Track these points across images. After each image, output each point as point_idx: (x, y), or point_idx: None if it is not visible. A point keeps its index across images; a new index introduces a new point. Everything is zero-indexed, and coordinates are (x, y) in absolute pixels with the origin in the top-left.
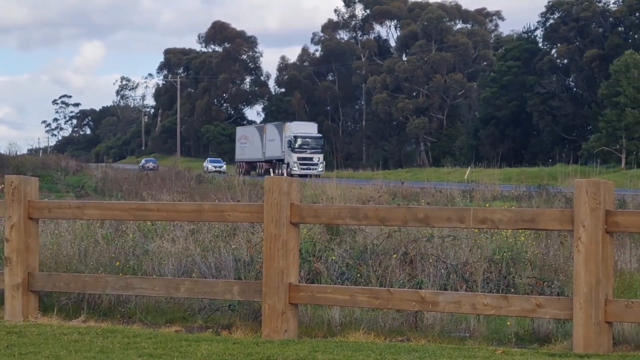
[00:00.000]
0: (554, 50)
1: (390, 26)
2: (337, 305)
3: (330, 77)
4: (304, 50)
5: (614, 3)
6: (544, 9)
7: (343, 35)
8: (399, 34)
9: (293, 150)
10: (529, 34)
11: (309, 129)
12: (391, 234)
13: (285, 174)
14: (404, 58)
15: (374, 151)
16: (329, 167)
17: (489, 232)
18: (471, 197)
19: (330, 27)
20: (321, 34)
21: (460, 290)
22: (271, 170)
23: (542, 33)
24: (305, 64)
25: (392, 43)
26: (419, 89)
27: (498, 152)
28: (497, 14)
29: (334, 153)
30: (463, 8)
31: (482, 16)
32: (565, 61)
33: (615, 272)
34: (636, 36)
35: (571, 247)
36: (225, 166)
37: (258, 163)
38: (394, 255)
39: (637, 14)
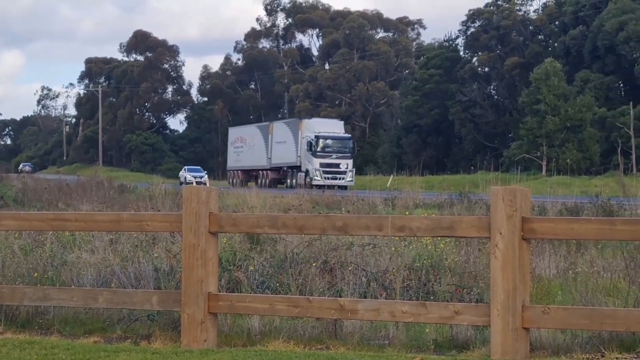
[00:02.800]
0: (475, 59)
1: (312, 35)
2: (257, 313)
3: (253, 86)
4: (227, 59)
5: (534, 12)
6: (464, 18)
7: (265, 44)
8: (321, 42)
9: (314, 154)
10: (450, 42)
11: (335, 127)
12: (311, 243)
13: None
14: (327, 67)
15: None
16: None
17: (409, 239)
18: (393, 204)
19: (253, 35)
20: (243, 43)
21: (380, 298)
22: (286, 180)
23: (463, 41)
24: (228, 72)
25: (315, 52)
26: (342, 98)
27: (420, 160)
28: (419, 22)
29: None
30: (384, 16)
31: (403, 25)
32: (487, 69)
33: (534, 279)
34: (556, 44)
35: (490, 254)
36: (207, 176)
37: (261, 172)
38: (314, 264)
39: (556, 23)
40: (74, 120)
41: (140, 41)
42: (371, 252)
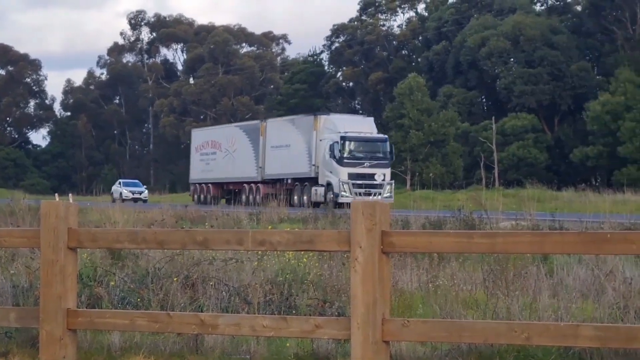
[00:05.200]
0: (339, 73)
1: (177, 49)
2: (117, 329)
3: (117, 101)
4: (90, 73)
5: (397, 27)
6: (329, 33)
7: (130, 58)
8: (185, 57)
9: (340, 162)
10: (315, 57)
11: (364, 125)
12: (173, 258)
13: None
14: (191, 81)
15: (162, 174)
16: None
17: (272, 253)
18: (258, 219)
19: (117, 50)
20: (107, 57)
21: (242, 312)
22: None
23: (327, 56)
24: (92, 87)
25: (179, 66)
26: (207, 112)
27: None
28: (284, 37)
29: (121, 177)
30: (249, 31)
31: (268, 39)
32: (351, 84)
33: (397, 292)
34: (419, 59)
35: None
36: (147, 192)
37: (248, 185)
38: (176, 279)
39: (420, 38)
40: None
41: (1, 55)
42: (234, 266)
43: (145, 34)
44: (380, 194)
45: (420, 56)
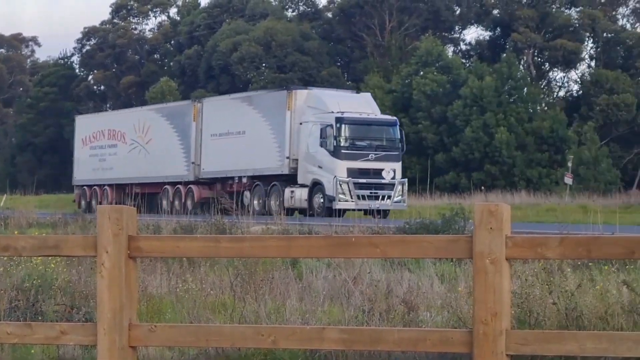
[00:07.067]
0: (90, 77)
1: None
2: None
3: None
4: None
5: (149, 31)
6: (80, 36)
7: None
8: None
9: (336, 153)
10: (66, 60)
11: (363, 103)
12: None
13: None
14: None
15: None
16: None
17: (19, 259)
18: (6, 224)
19: None
20: None
21: None
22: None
23: (79, 59)
24: None
25: None
26: None
27: (35, 179)
28: (34, 39)
29: None
30: None
31: (17, 41)
32: (102, 87)
33: (145, 297)
34: (171, 63)
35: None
36: (5, 197)
37: (170, 187)
38: None
39: (172, 42)
40: None
41: None
42: None
43: None
44: (390, 196)
45: (173, 60)
